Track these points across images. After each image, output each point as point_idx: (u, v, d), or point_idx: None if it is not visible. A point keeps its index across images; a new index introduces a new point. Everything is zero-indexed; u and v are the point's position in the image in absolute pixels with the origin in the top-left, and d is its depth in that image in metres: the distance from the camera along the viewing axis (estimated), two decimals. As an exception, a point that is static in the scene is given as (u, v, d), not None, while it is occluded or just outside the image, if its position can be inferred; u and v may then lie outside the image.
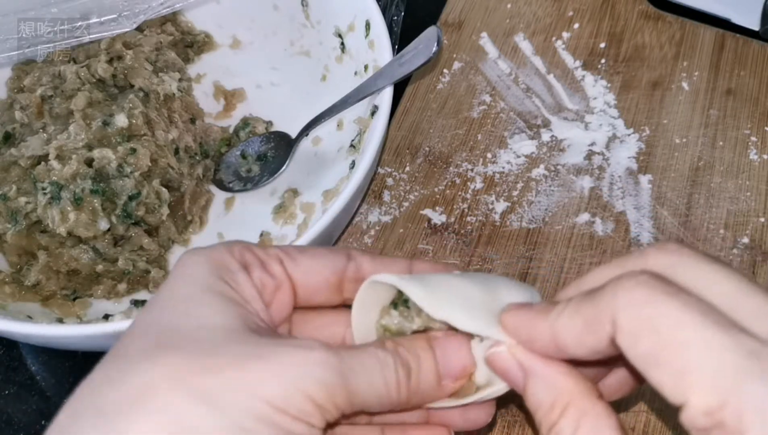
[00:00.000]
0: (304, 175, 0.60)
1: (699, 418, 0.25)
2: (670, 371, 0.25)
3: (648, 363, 0.26)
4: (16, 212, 0.53)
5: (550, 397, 0.29)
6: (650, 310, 0.26)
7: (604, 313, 0.27)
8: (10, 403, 0.52)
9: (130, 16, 0.56)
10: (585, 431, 0.28)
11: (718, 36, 0.66)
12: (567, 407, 0.28)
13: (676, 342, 0.25)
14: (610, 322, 0.27)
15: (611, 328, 0.27)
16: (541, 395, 0.29)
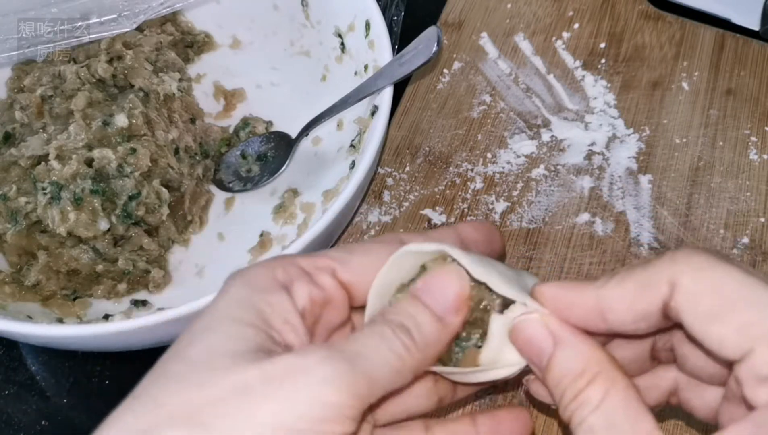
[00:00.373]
0: (304, 175, 0.60)
1: (764, 368, 0.26)
2: (735, 325, 0.26)
3: (709, 319, 0.27)
4: (16, 212, 0.53)
5: (579, 365, 0.29)
6: (713, 272, 0.27)
7: (661, 275, 0.28)
8: (10, 403, 0.52)
9: (130, 16, 0.56)
10: (614, 399, 0.28)
11: (718, 36, 0.66)
12: (596, 376, 0.28)
13: (740, 299, 0.27)
14: (668, 284, 0.28)
15: (668, 290, 0.28)
16: (570, 363, 0.29)
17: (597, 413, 0.28)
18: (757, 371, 0.26)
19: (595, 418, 0.28)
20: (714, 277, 0.27)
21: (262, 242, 0.57)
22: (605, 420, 0.28)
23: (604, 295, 0.29)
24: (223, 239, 0.58)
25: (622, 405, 0.28)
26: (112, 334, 0.43)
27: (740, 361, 0.26)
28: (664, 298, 0.28)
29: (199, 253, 0.57)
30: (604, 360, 0.29)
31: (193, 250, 0.57)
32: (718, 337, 0.27)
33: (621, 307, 0.29)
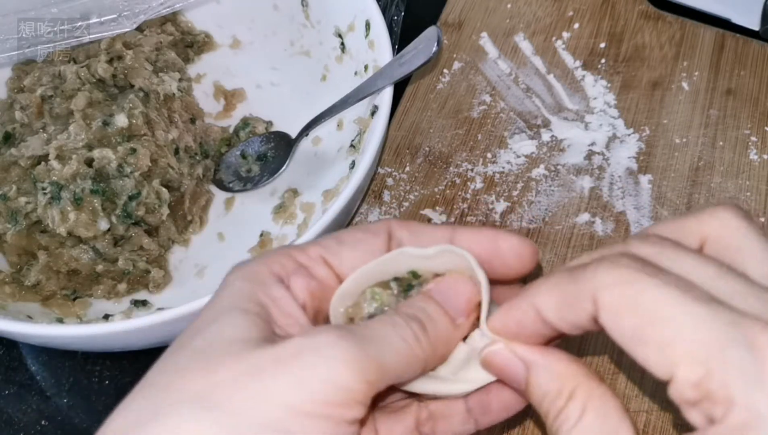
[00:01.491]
0: (304, 175, 0.60)
1: (687, 391, 0.25)
2: (654, 347, 0.25)
3: (632, 341, 0.26)
4: (16, 212, 0.53)
5: (556, 384, 0.29)
6: (631, 288, 0.26)
7: (584, 291, 0.27)
8: (10, 403, 0.52)
9: (130, 16, 0.56)
10: (592, 412, 0.28)
11: (718, 36, 0.66)
12: (574, 391, 0.28)
13: (657, 318, 0.25)
14: (591, 301, 0.27)
15: (592, 307, 0.27)
16: (546, 384, 0.29)
17: (577, 429, 0.28)
18: (682, 396, 0.25)
19: (575, 434, 0.28)
20: (633, 293, 0.26)
21: (262, 242, 0.57)
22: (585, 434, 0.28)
23: (538, 306, 0.29)
24: (223, 239, 0.58)
25: (600, 418, 0.28)
26: (112, 334, 0.43)
27: (668, 384, 0.25)
28: (590, 313, 0.27)
29: (199, 253, 0.57)
30: (578, 374, 0.29)
31: (193, 250, 0.57)
32: (644, 360, 0.26)
33: (552, 318, 0.29)
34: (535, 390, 0.30)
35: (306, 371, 0.26)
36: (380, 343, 0.28)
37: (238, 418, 0.26)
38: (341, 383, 0.26)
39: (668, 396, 0.26)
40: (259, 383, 0.26)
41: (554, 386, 0.29)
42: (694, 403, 0.25)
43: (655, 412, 0.48)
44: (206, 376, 0.27)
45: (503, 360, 0.30)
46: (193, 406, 0.26)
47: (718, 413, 0.24)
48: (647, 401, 0.48)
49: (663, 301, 0.25)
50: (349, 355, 0.27)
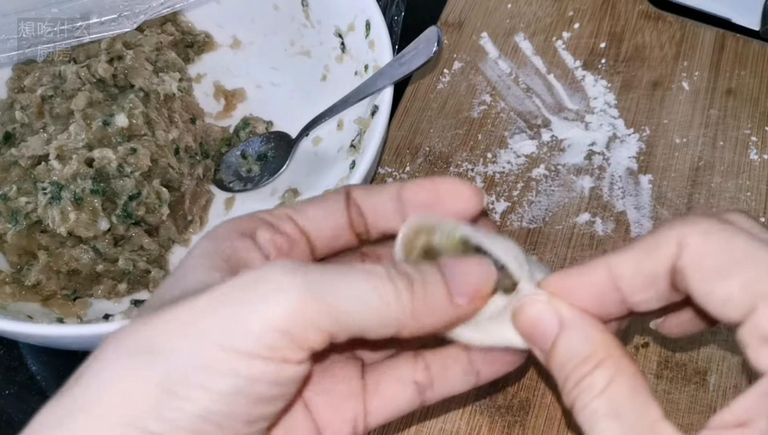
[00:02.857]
0: (304, 175, 0.60)
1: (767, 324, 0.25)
2: (741, 281, 0.26)
3: (715, 276, 0.27)
4: (17, 212, 0.53)
5: (586, 349, 0.28)
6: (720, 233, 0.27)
7: (670, 237, 0.28)
8: (10, 403, 0.52)
9: (131, 16, 0.56)
10: (621, 385, 0.27)
11: (718, 36, 0.66)
12: (603, 361, 0.28)
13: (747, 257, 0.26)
14: (676, 244, 0.28)
15: (676, 249, 0.28)
16: (576, 347, 0.29)
17: (602, 398, 0.27)
18: (760, 330, 0.25)
19: (599, 402, 0.27)
20: (721, 237, 0.27)
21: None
22: (610, 406, 0.27)
23: (613, 262, 0.29)
24: (223, 239, 0.58)
25: (629, 392, 0.27)
26: (113, 334, 0.43)
27: (743, 322, 0.26)
28: (672, 257, 0.28)
29: None
30: (612, 345, 0.29)
31: (193, 250, 0.57)
32: (723, 296, 0.26)
33: (630, 272, 0.29)
34: (562, 351, 0.29)
35: (247, 308, 0.25)
36: (343, 291, 0.26)
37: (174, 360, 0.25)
38: (285, 326, 0.25)
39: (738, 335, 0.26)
40: (196, 323, 0.25)
41: (584, 350, 0.28)
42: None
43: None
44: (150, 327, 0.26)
45: (538, 312, 0.30)
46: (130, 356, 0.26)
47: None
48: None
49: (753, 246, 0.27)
50: (295, 297, 0.25)
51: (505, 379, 0.49)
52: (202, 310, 0.25)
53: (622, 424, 0.26)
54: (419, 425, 0.48)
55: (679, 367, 0.50)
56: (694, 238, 0.27)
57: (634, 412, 0.27)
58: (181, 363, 0.25)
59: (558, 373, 0.29)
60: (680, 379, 0.49)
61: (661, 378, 0.49)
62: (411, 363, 0.33)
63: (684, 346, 0.51)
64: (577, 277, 0.30)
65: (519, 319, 0.30)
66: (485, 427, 0.48)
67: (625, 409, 0.27)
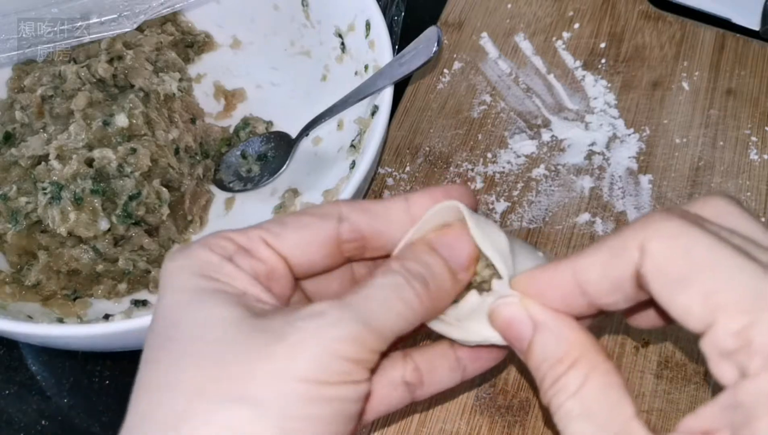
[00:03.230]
0: (304, 175, 0.60)
1: (727, 339, 0.25)
2: (700, 292, 0.25)
3: (676, 286, 0.26)
4: (17, 212, 0.53)
5: (560, 350, 0.29)
6: (682, 238, 0.26)
7: (633, 241, 0.27)
8: (10, 403, 0.52)
9: (131, 16, 0.56)
10: (593, 385, 0.27)
11: (718, 36, 0.66)
12: (577, 361, 0.28)
13: (707, 266, 0.25)
14: (639, 249, 0.27)
15: (638, 255, 0.27)
16: (550, 348, 0.29)
17: (574, 399, 0.27)
18: (718, 345, 0.25)
19: (571, 403, 0.27)
20: (683, 243, 0.26)
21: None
22: (582, 406, 0.27)
23: (579, 266, 0.29)
24: (223, 239, 0.58)
25: (601, 391, 0.27)
26: (113, 334, 0.43)
27: (704, 333, 0.25)
28: (635, 263, 0.27)
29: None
30: (585, 344, 0.29)
31: (193, 250, 0.57)
32: (683, 307, 0.26)
33: (595, 276, 0.28)
34: (537, 352, 0.29)
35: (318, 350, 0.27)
36: (382, 312, 0.28)
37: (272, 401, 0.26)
38: (352, 356, 0.27)
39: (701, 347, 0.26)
40: (276, 367, 0.26)
41: (558, 351, 0.29)
42: (730, 353, 0.25)
43: (656, 412, 0.48)
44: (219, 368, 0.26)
45: (512, 314, 0.30)
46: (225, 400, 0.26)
47: (753, 366, 0.24)
48: (647, 401, 0.48)
49: (714, 251, 0.26)
50: (354, 333, 0.27)
51: (505, 378, 0.49)
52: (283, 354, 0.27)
53: (594, 424, 0.27)
54: (419, 425, 0.48)
55: (679, 367, 0.50)
56: (655, 245, 0.26)
57: (606, 412, 0.27)
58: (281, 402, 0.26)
59: (535, 372, 0.29)
60: (680, 379, 0.49)
61: (661, 378, 0.49)
62: (401, 364, 0.34)
63: (684, 346, 0.51)
64: (545, 279, 0.30)
65: (494, 320, 0.31)
66: (485, 427, 0.48)
67: (597, 409, 0.27)
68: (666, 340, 0.51)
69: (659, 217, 0.27)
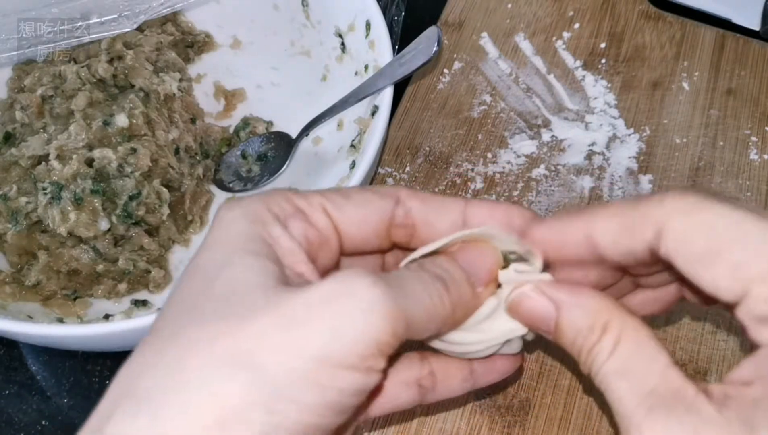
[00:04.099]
0: (304, 175, 0.60)
1: (761, 306, 0.25)
2: (729, 265, 0.25)
3: (701, 262, 0.26)
4: (17, 212, 0.53)
5: (588, 319, 0.29)
6: (703, 213, 0.26)
7: (648, 218, 0.27)
8: (10, 403, 0.52)
9: (131, 16, 0.56)
10: (625, 343, 0.28)
11: (718, 36, 0.66)
12: (607, 325, 0.28)
13: (732, 238, 0.25)
14: (654, 230, 0.27)
15: (653, 236, 0.27)
16: (578, 321, 0.29)
17: (611, 360, 0.28)
18: (755, 313, 0.25)
19: (609, 365, 0.28)
20: (705, 218, 0.26)
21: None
22: (620, 365, 0.27)
23: (592, 229, 0.29)
24: (223, 239, 0.58)
25: (634, 347, 0.28)
26: (113, 334, 0.43)
27: (739, 304, 0.26)
28: (649, 242, 0.27)
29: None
30: (609, 307, 0.29)
31: (193, 249, 0.57)
32: (713, 281, 0.26)
33: (607, 243, 0.29)
34: (567, 329, 0.29)
35: (341, 321, 0.26)
36: (411, 296, 0.28)
37: (271, 375, 0.25)
38: (376, 336, 0.26)
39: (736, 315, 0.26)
40: (291, 335, 0.25)
41: (587, 322, 0.29)
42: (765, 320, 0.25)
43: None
44: (235, 331, 0.26)
45: (532, 302, 0.30)
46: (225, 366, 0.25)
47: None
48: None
49: (737, 224, 0.26)
50: (386, 308, 0.26)
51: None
52: (297, 322, 0.26)
53: (633, 379, 0.27)
54: (419, 425, 0.48)
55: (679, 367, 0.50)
56: (674, 222, 0.27)
57: (642, 365, 0.27)
58: (279, 378, 0.25)
59: (571, 349, 0.30)
60: (680, 379, 0.49)
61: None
62: (417, 366, 0.34)
63: (684, 346, 0.51)
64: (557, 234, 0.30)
65: (516, 313, 0.31)
66: (485, 427, 0.48)
67: (634, 364, 0.27)
68: (666, 340, 0.51)
69: (676, 194, 0.27)
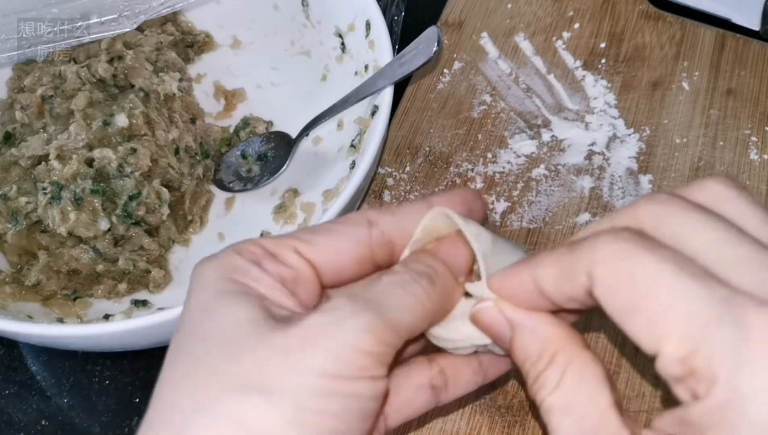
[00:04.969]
0: (304, 175, 0.60)
1: (672, 367, 0.25)
2: (644, 321, 0.25)
3: (624, 314, 0.26)
4: (17, 212, 0.53)
5: (537, 347, 0.29)
6: (626, 262, 0.26)
7: (581, 264, 0.27)
8: (10, 403, 0.52)
9: (131, 16, 0.56)
10: (570, 378, 0.28)
11: (718, 36, 0.66)
12: (555, 356, 0.29)
13: (650, 292, 0.25)
14: (586, 274, 0.27)
15: (586, 280, 0.27)
16: (528, 346, 0.30)
17: (555, 394, 0.28)
18: (668, 372, 0.25)
19: (552, 399, 0.28)
20: (628, 267, 0.26)
21: (262, 242, 0.57)
22: (562, 401, 0.28)
23: (536, 277, 0.29)
24: (223, 239, 0.58)
25: (578, 384, 0.28)
26: (112, 334, 0.43)
27: (656, 357, 0.25)
28: (585, 287, 0.27)
29: (200, 253, 0.57)
30: (561, 338, 0.29)
31: (193, 250, 0.57)
32: (634, 334, 0.26)
33: (550, 287, 0.29)
34: (518, 351, 0.30)
35: (334, 343, 0.27)
36: (393, 304, 0.29)
37: (286, 392, 0.26)
38: (368, 349, 0.28)
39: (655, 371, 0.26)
40: (291, 360, 0.27)
41: (535, 349, 0.29)
42: (680, 379, 0.25)
43: (656, 412, 0.48)
44: (236, 362, 0.27)
45: (490, 318, 0.31)
46: (238, 391, 0.27)
47: (701, 390, 0.24)
48: (647, 401, 0.48)
49: (657, 276, 0.25)
50: (371, 324, 0.28)
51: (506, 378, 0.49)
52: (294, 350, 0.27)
53: (573, 417, 0.27)
54: (419, 425, 0.48)
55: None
56: (601, 270, 0.26)
57: (583, 403, 0.27)
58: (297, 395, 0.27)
59: (521, 370, 0.30)
60: (680, 379, 0.49)
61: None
62: (426, 368, 0.35)
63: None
64: (511, 281, 0.30)
65: (477, 323, 0.32)
66: (485, 427, 0.48)
67: (575, 402, 0.27)
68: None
69: (606, 239, 0.27)
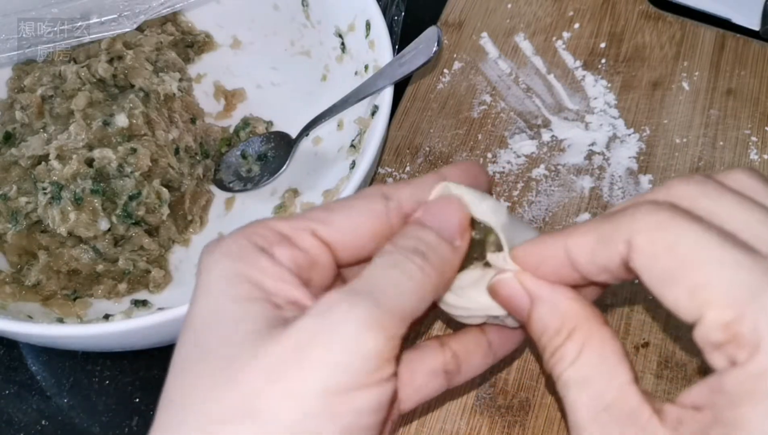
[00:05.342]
0: (304, 175, 0.60)
1: (714, 332, 0.25)
2: (687, 287, 0.25)
3: (664, 282, 0.26)
4: (17, 212, 0.53)
5: (556, 321, 0.29)
6: (669, 232, 0.26)
7: (620, 232, 0.27)
8: (10, 403, 0.52)
9: (131, 16, 0.56)
10: (589, 353, 0.28)
11: (718, 36, 0.66)
12: (573, 331, 0.29)
13: (694, 259, 0.25)
14: (625, 243, 0.27)
15: (624, 249, 0.27)
16: (547, 320, 0.29)
17: (572, 369, 0.28)
18: (709, 338, 0.25)
19: (570, 373, 0.28)
20: (670, 236, 0.26)
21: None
22: (580, 375, 0.28)
23: (569, 246, 0.29)
24: (223, 239, 0.58)
25: (597, 359, 0.28)
26: (112, 334, 0.43)
27: (695, 325, 0.26)
28: (622, 256, 0.27)
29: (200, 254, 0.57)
30: (581, 314, 0.29)
31: (193, 250, 0.57)
32: (674, 301, 0.26)
33: (584, 258, 0.29)
34: (536, 325, 0.30)
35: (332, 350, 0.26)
36: (390, 290, 0.27)
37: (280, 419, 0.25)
38: (374, 348, 0.26)
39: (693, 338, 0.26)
40: (289, 379, 0.26)
41: (554, 322, 0.29)
42: (720, 345, 0.25)
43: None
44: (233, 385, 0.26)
45: (509, 290, 0.31)
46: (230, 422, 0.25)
47: (741, 357, 0.24)
48: (647, 401, 0.48)
49: (700, 245, 0.25)
50: (370, 319, 0.26)
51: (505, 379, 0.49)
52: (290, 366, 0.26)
53: (591, 392, 0.27)
54: (419, 425, 0.48)
55: (679, 367, 0.50)
56: (641, 239, 0.27)
57: (602, 379, 0.27)
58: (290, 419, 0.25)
59: (537, 343, 0.30)
60: (680, 379, 0.49)
61: (661, 378, 0.49)
62: (440, 353, 0.34)
63: (684, 346, 0.51)
64: (539, 252, 0.30)
65: (495, 295, 0.31)
66: (485, 427, 0.48)
67: (594, 377, 0.28)
68: (666, 339, 0.51)
69: (647, 210, 0.27)
